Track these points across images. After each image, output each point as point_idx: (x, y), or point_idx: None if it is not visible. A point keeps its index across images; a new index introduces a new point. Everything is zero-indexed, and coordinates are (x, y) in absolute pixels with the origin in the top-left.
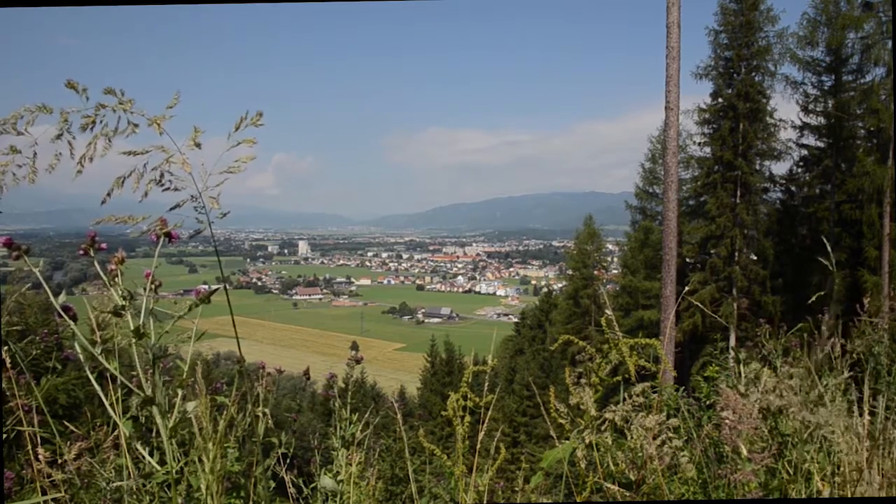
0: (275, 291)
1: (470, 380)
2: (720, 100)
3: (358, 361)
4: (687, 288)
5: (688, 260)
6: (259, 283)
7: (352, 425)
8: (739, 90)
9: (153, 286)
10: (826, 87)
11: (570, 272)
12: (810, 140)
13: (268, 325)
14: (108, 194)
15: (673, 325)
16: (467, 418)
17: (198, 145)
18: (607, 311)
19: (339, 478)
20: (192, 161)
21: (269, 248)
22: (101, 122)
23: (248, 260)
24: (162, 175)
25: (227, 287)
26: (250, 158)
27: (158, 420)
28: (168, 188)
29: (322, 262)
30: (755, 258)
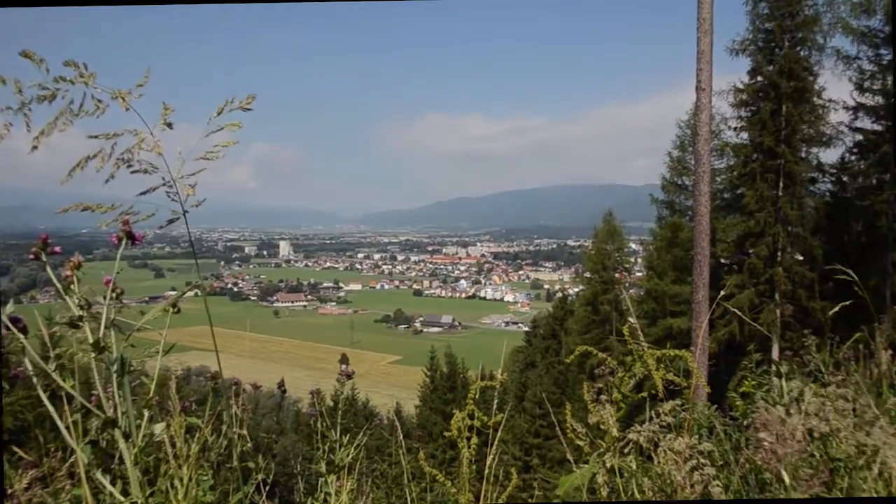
0: (253, 298)
1: (476, 396)
2: (759, 78)
3: (348, 376)
4: (722, 292)
5: (722, 261)
6: (235, 289)
7: (342, 448)
8: (782, 67)
9: (114, 294)
10: (885, 62)
11: (587, 275)
12: (865, 123)
13: (245, 336)
14: (70, 173)
15: (706, 335)
16: (474, 440)
17: (169, 125)
18: (630, 318)
19: None
20: (166, 145)
21: (247, 250)
22: (61, 97)
23: (223, 263)
24: (131, 156)
25: (200, 293)
26: (232, 143)
27: (121, 444)
28: (138, 170)
29: (306, 265)
30: (801, 258)
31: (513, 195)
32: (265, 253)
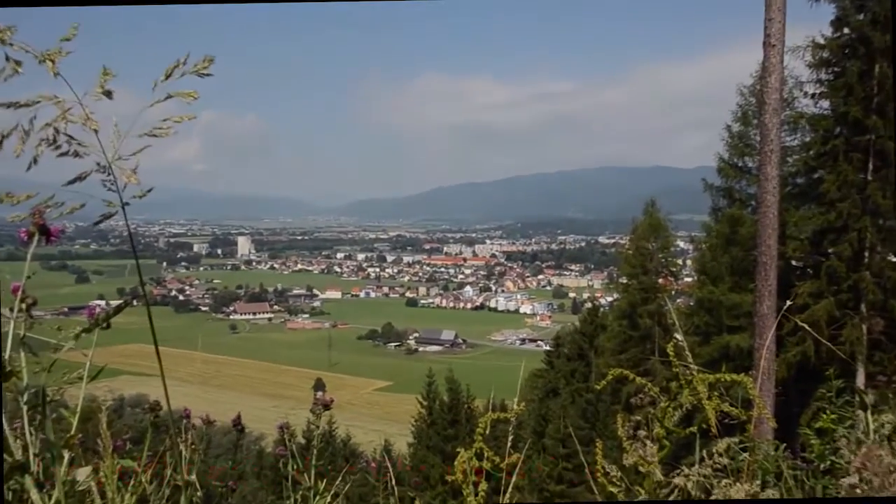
0: (204, 309)
1: (486, 432)
2: (846, 31)
3: (325, 406)
4: (790, 302)
5: (794, 263)
6: (181, 297)
7: (317, 497)
8: (876, 16)
9: (24, 304)
10: None
11: (623, 280)
12: None
13: (194, 356)
14: None
15: (771, 356)
16: (483, 485)
17: (107, 93)
18: (677, 334)
19: None
20: (102, 119)
21: (196, 247)
22: None
23: (165, 264)
24: (56, 133)
25: (139, 302)
26: (187, 118)
27: (33, 495)
28: (66, 152)
29: (272, 267)
30: (894, 260)
31: (531, 180)
32: (219, 251)
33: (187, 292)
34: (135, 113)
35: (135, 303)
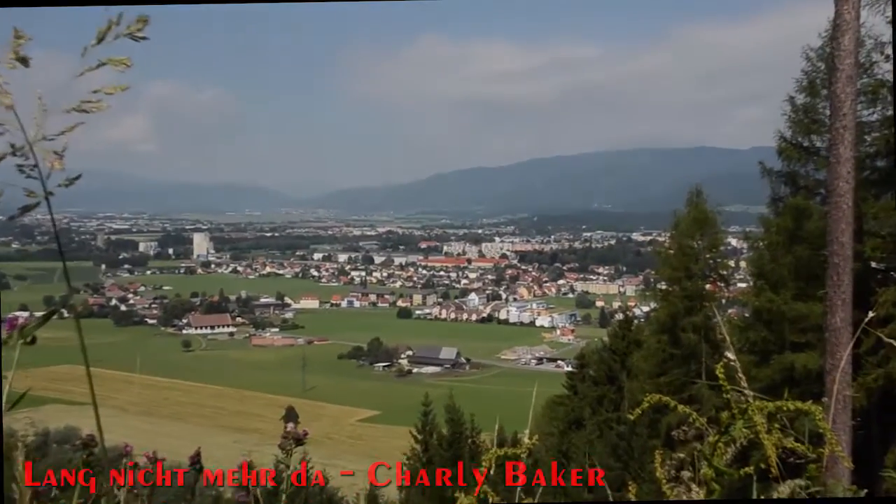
0: (151, 321)
1: (492, 471)
2: None
3: (298, 441)
4: (872, 314)
5: (874, 265)
6: (123, 307)
7: None
8: None
9: None
10: None
11: (662, 286)
12: None
13: (138, 380)
14: None
15: (847, 379)
16: None
17: (22, 60)
18: (728, 353)
19: None
20: (17, 92)
21: (142, 247)
22: None
23: (104, 266)
24: None
25: (70, 315)
26: (120, 89)
27: None
28: None
29: (235, 271)
30: None
31: (550, 164)
32: (170, 251)
33: (131, 301)
34: (65, 84)
35: (65, 314)
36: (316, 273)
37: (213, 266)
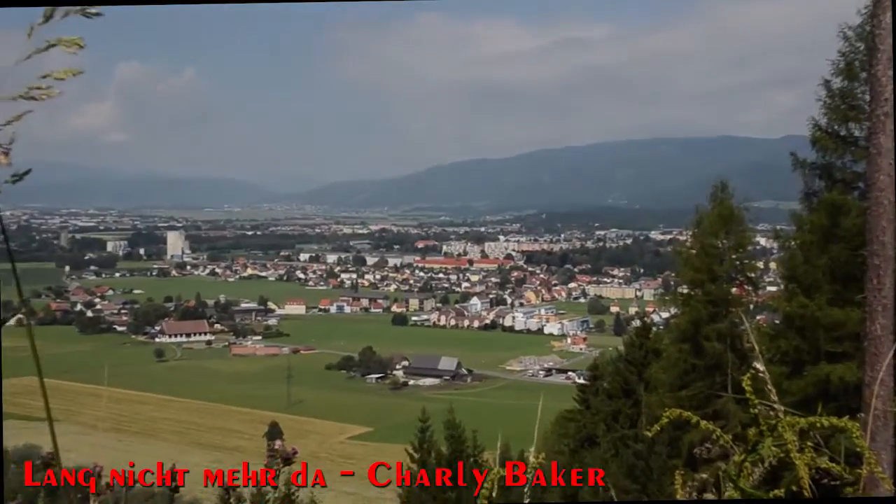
0: (120, 329)
1: (495, 493)
2: None
3: (286, 460)
4: None
5: None
6: (89, 313)
7: None
8: None
9: None
10: None
11: (684, 290)
12: None
13: (107, 393)
14: None
15: (888, 393)
16: None
17: None
18: (757, 363)
19: None
20: None
21: (110, 246)
22: None
23: (68, 268)
24: None
25: (26, 321)
26: (72, 74)
27: None
28: None
29: (213, 273)
30: None
31: (559, 156)
32: (142, 251)
33: (98, 306)
34: (9, 69)
35: (22, 320)
36: (302, 275)
37: (188, 268)
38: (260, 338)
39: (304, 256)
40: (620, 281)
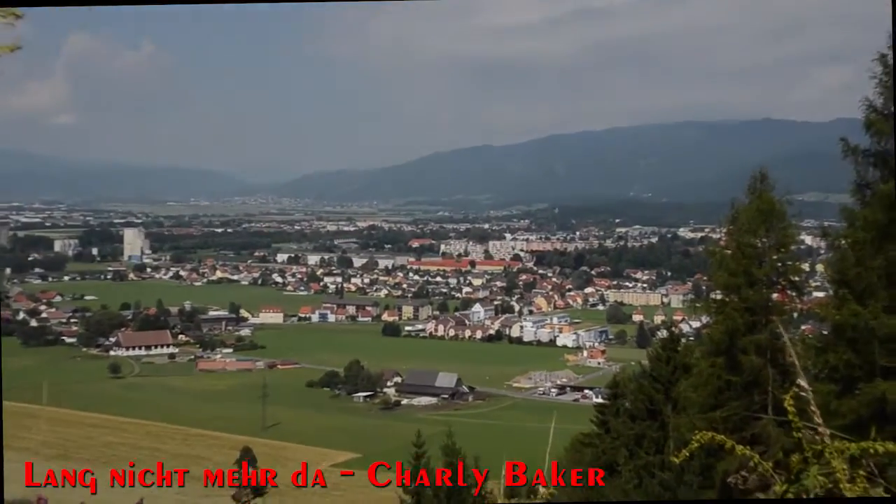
0: (69, 340)
1: None
2: None
3: (256, 493)
4: None
5: None
6: (33, 323)
7: None
8: None
9: None
10: None
11: (717, 296)
12: None
13: (54, 414)
14: None
15: None
16: None
17: None
18: (800, 380)
19: None
20: None
21: (58, 245)
22: None
23: (9, 270)
24: None
25: None
26: (8, 50)
27: None
28: None
29: (177, 276)
30: None
31: (574, 142)
32: (94, 252)
33: (44, 315)
34: None
35: None
36: (280, 279)
37: (148, 270)
38: (231, 351)
39: (281, 257)
40: (644, 285)
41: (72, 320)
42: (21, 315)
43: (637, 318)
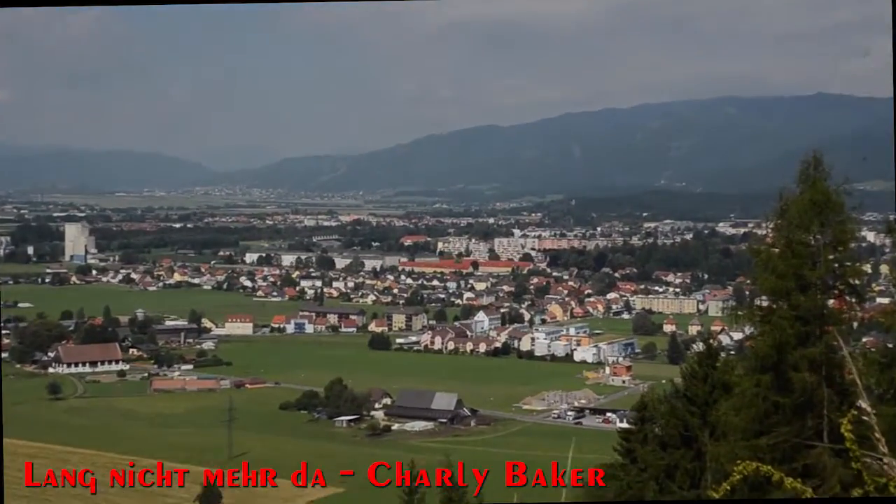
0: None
1: None
2: None
3: None
4: None
5: None
6: None
7: None
8: None
9: None
10: None
11: (762, 302)
12: None
13: None
14: None
15: None
16: None
17: None
18: (861, 401)
19: None
20: None
21: None
22: None
23: None
24: None
25: None
26: None
27: None
28: None
29: (128, 279)
30: None
31: (594, 121)
32: (30, 251)
33: None
34: None
35: None
36: (249, 283)
37: (94, 273)
38: (191, 367)
39: (251, 257)
40: (677, 290)
41: (3, 332)
42: None
43: (668, 328)
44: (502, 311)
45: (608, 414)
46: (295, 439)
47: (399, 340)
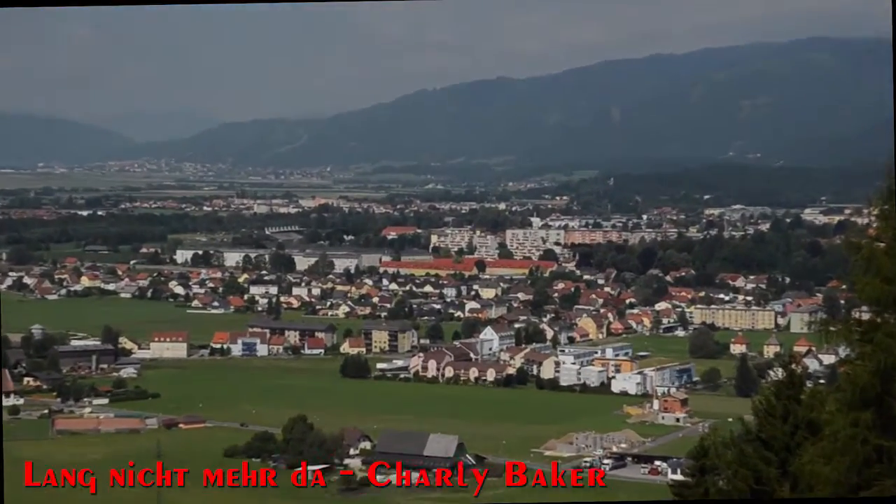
0: None
1: None
2: None
3: None
4: None
5: None
6: None
7: None
8: None
9: None
10: None
11: (862, 314)
12: None
13: None
14: None
15: None
16: None
17: None
18: None
19: None
20: None
21: None
22: None
23: None
24: None
25: None
26: None
27: None
28: None
29: (21, 285)
30: None
31: (637, 73)
32: None
33: None
34: None
35: None
36: (181, 290)
37: None
38: (106, 402)
39: (183, 255)
40: (748, 299)
41: None
42: None
43: (737, 349)
44: (517, 326)
45: (657, 462)
46: (245, 497)
47: (381, 365)
